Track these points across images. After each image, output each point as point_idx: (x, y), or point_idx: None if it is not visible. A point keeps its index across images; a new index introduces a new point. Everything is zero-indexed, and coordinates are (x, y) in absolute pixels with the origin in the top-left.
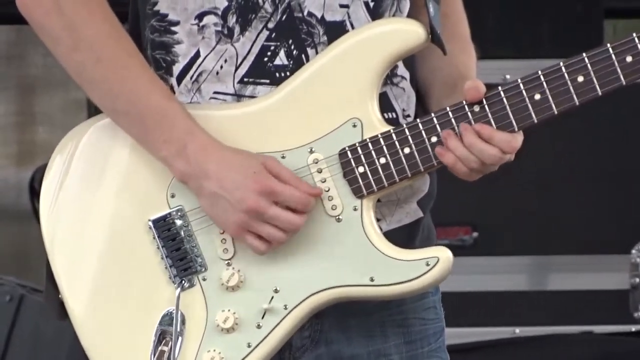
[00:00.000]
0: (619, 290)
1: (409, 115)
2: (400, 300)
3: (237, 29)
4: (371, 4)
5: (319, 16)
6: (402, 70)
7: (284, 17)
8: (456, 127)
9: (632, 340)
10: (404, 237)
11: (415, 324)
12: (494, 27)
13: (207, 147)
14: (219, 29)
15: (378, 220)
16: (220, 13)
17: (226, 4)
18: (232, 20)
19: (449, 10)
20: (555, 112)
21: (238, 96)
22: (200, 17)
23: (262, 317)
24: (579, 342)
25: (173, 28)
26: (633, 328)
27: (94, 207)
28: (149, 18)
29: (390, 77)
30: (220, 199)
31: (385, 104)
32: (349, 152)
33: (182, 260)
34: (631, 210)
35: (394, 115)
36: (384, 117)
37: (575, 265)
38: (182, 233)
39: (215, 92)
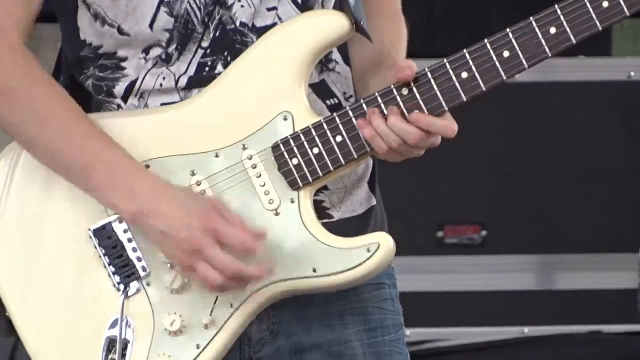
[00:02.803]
0: (628, 289)
1: (351, 96)
2: (357, 289)
3: (175, 55)
4: (299, 1)
5: (250, 24)
6: (335, 54)
7: (217, 32)
8: (385, 112)
9: None
10: (357, 226)
11: (374, 312)
12: (500, 26)
13: (155, 186)
14: (160, 55)
15: (327, 209)
16: (164, 44)
17: (168, 35)
18: (172, 47)
19: None
20: (484, 89)
21: None
22: (146, 50)
23: (209, 318)
24: (587, 341)
25: (122, 64)
26: None
27: (35, 221)
28: (93, 60)
29: (324, 64)
30: (167, 236)
31: (325, 91)
32: (281, 145)
33: (124, 267)
34: None
35: (337, 101)
36: (326, 104)
37: (584, 264)
38: (123, 240)
39: (162, 104)
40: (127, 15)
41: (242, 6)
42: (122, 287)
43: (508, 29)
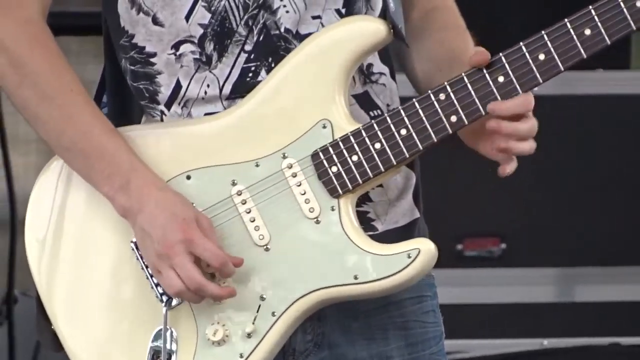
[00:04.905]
0: None
1: (396, 108)
2: (399, 303)
3: (214, 56)
4: (343, 10)
5: (294, 31)
6: (379, 67)
7: (261, 37)
8: (424, 118)
9: None
10: (400, 238)
11: (415, 327)
12: (517, 33)
13: (149, 185)
14: (197, 56)
15: (372, 220)
16: (196, 41)
17: (202, 31)
18: (209, 47)
19: (439, 4)
20: (520, 92)
21: None
22: (176, 46)
23: (252, 327)
24: (606, 354)
25: (152, 59)
26: None
27: (78, 234)
28: (126, 50)
29: (367, 77)
30: (146, 235)
31: (368, 102)
32: (320, 154)
33: None
34: None
35: (380, 112)
36: (369, 115)
37: (603, 276)
38: None
39: (206, 114)
40: (164, 5)
41: (287, 12)
42: (165, 298)
43: (543, 32)
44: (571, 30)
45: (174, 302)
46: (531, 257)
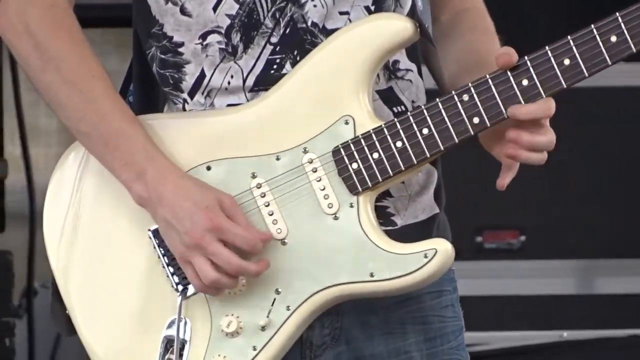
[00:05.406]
0: None
1: (419, 107)
2: (418, 297)
3: (240, 47)
4: (372, 7)
5: (321, 25)
6: (406, 64)
7: (288, 30)
8: (446, 118)
9: None
10: (419, 233)
11: (434, 322)
12: (545, 32)
13: (165, 174)
14: (223, 46)
15: (392, 215)
16: (223, 31)
17: (229, 22)
18: (236, 38)
19: (469, 5)
20: (544, 96)
21: None
22: (203, 36)
23: (266, 320)
24: (626, 346)
25: (180, 49)
26: None
27: (96, 221)
28: (159, 38)
29: (392, 72)
30: (171, 227)
31: (392, 98)
32: (341, 150)
33: None
34: None
35: (403, 108)
36: (393, 111)
37: (623, 268)
38: None
39: (228, 105)
40: None
41: (314, 6)
42: (180, 287)
43: (569, 36)
44: (597, 37)
45: (189, 292)
46: (550, 249)
